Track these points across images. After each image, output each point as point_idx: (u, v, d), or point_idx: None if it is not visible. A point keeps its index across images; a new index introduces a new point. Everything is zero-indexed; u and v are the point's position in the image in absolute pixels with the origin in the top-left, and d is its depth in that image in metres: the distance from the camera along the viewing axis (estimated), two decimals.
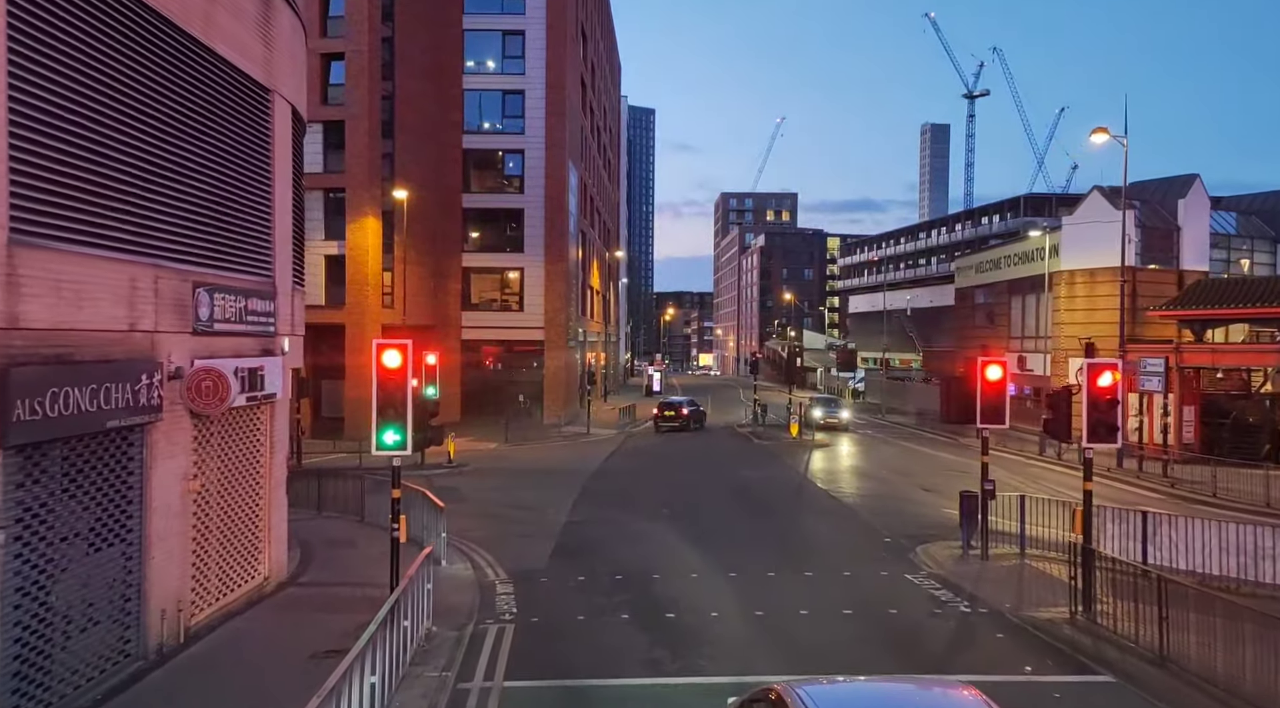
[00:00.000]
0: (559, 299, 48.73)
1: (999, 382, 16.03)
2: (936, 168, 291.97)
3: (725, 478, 28.82)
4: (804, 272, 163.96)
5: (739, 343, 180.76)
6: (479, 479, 29.06)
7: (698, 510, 22.77)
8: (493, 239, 49.69)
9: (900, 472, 30.58)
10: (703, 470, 30.92)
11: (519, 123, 48.76)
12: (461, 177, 48.78)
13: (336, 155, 42.35)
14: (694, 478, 28.97)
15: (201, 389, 11.13)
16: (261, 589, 14.07)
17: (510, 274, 49.63)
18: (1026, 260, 41.99)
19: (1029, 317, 42.22)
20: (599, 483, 27.79)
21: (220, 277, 12.46)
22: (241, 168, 13.23)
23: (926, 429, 48.70)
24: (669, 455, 35.94)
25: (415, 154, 45.82)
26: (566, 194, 49.20)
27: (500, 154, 49.44)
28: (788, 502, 24.41)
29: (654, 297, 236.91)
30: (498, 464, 32.99)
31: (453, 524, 20.59)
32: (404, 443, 12.26)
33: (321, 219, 42.70)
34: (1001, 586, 14.78)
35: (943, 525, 20.41)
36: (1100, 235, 37.05)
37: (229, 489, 13.14)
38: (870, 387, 75.09)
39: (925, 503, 23.78)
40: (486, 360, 49.54)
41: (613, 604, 14.23)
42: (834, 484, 27.53)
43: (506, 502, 24.34)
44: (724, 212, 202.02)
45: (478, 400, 49.23)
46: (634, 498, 24.74)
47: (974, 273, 49.09)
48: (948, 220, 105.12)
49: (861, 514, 22.03)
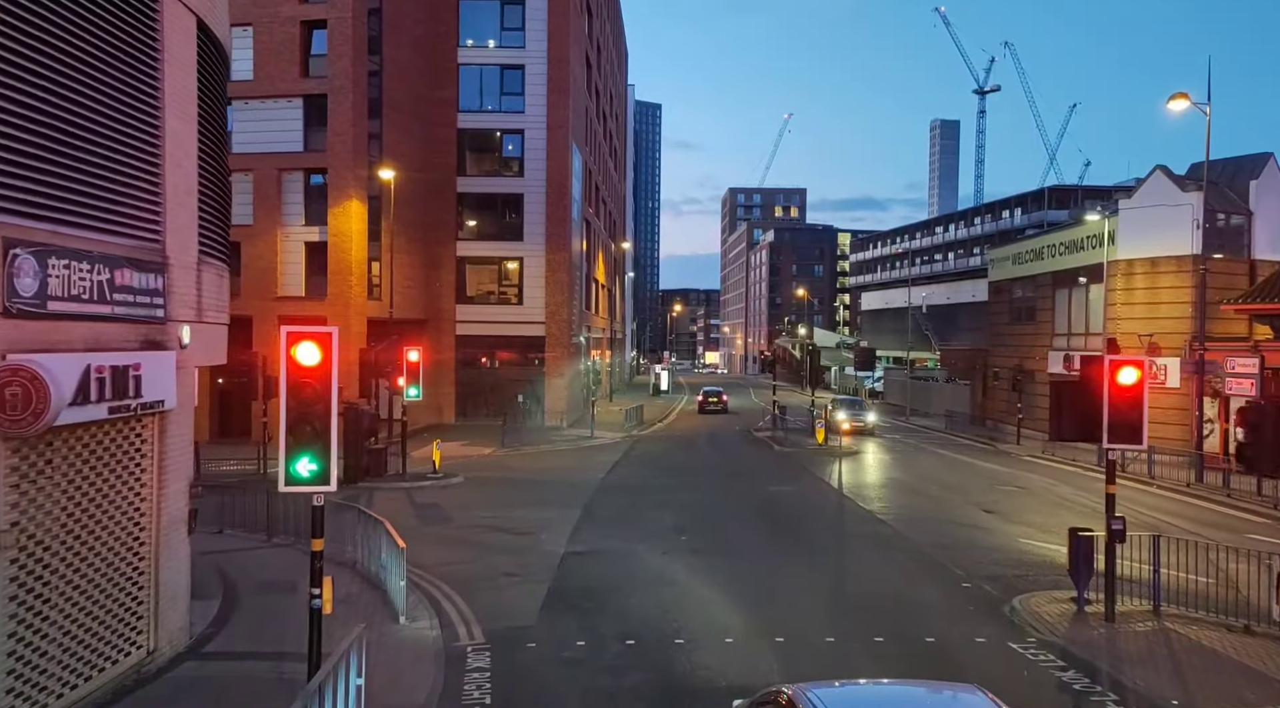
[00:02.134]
0: (561, 292, 44.96)
1: (1134, 389, 12.22)
2: (946, 164, 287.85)
3: (750, 494, 25.02)
4: (814, 268, 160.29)
5: (747, 341, 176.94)
6: (467, 493, 25.33)
7: (723, 539, 18.98)
8: (490, 226, 45.93)
9: (949, 487, 26.74)
10: (723, 484, 27.14)
11: (519, 100, 44.99)
12: (456, 159, 45.01)
13: (318, 133, 38.64)
14: (714, 494, 25.18)
15: (4, 400, 7.40)
16: (142, 668, 10.32)
17: (509, 264, 45.89)
18: (1075, 249, 38.11)
19: (1077, 312, 38.31)
20: (605, 499, 24.03)
21: (62, 235, 8.70)
22: (106, 88, 9.46)
23: (959, 433, 44.93)
24: (683, 465, 32.17)
25: (405, 133, 42.11)
26: (570, 178, 45.43)
27: (498, 134, 45.67)
28: (829, 528, 20.58)
29: (660, 294, 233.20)
30: (491, 473, 29.27)
31: (426, 556, 16.86)
32: (323, 474, 8.59)
33: (301, 202, 39.04)
34: (1150, 666, 10.91)
35: (1027, 564, 16.59)
36: (1164, 220, 33.16)
37: (84, 539, 9.41)
38: (889, 386, 71.22)
39: (992, 530, 19.93)
40: (483, 358, 45.81)
41: (624, 690, 10.48)
42: (878, 503, 23.69)
43: (495, 523, 20.60)
44: (731, 207, 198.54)
45: (473, 401, 45.52)
46: (645, 520, 20.97)
47: (1011, 265, 45.17)
48: (966, 214, 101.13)
49: (922, 545, 18.20)
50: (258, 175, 38.63)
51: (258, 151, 38.69)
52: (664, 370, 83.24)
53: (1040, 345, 41.35)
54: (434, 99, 44.35)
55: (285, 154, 38.60)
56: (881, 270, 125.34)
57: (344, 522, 16.66)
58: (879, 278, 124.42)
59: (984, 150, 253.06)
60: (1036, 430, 39.57)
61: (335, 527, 16.64)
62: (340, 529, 16.13)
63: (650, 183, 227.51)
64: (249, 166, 38.73)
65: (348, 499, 23.55)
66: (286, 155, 38.62)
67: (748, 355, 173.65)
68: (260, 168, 38.62)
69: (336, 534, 15.18)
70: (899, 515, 21.54)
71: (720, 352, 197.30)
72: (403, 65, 41.76)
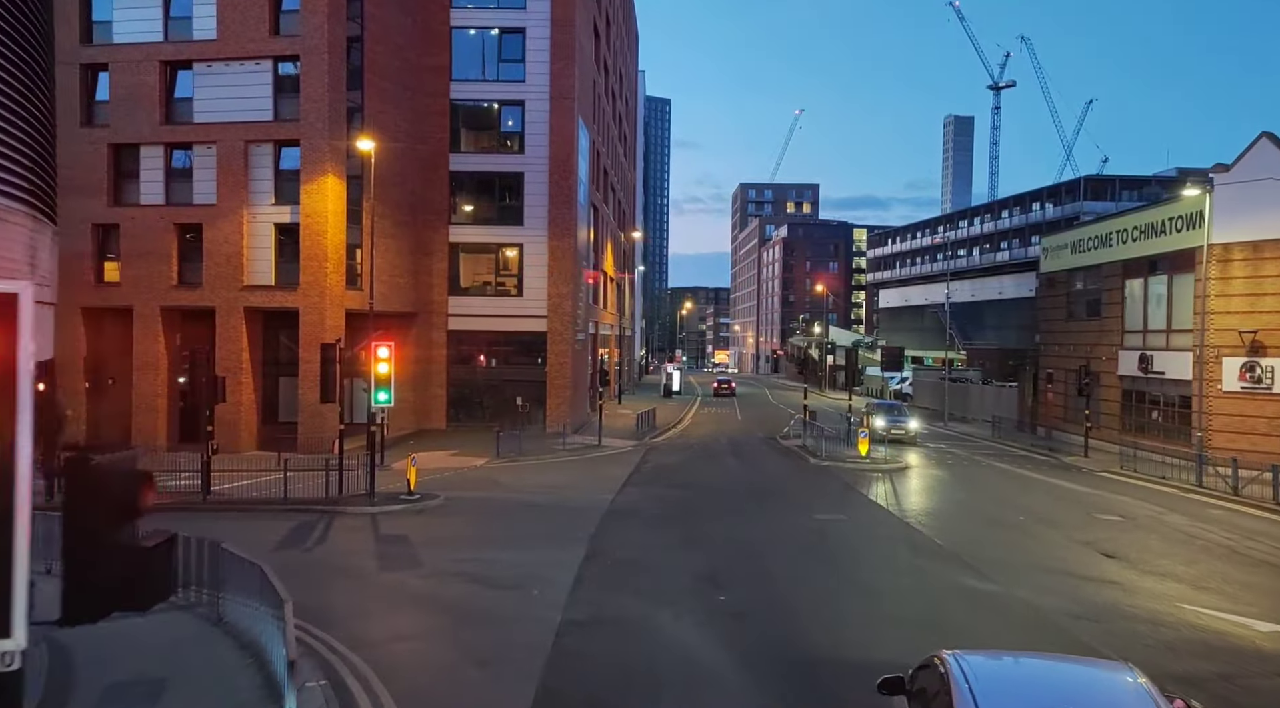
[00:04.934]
0: (565, 282, 40.25)
1: None
2: (959, 161, 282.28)
3: (794, 525, 20.24)
4: (829, 265, 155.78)
5: (758, 340, 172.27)
6: (445, 521, 20.64)
7: (775, 599, 14.20)
8: (486, 209, 41.25)
9: (1036, 516, 21.86)
10: (757, 509, 22.36)
11: (518, 68, 40.28)
12: (449, 133, 40.35)
13: (290, 101, 34.02)
14: (749, 524, 20.41)
15: None
16: None
17: (507, 252, 41.20)
18: (1153, 233, 33.21)
19: (1156, 305, 33.40)
20: (615, 530, 19.32)
21: None
22: None
23: (1010, 442, 40.11)
24: (706, 482, 27.40)
25: (390, 104, 37.44)
26: (575, 156, 40.69)
27: (496, 106, 40.95)
28: (911, 581, 15.66)
29: (668, 292, 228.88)
30: (479, 492, 24.58)
31: (372, 625, 12.19)
32: None
33: (271, 179, 34.41)
34: None
35: (1219, 650, 11.70)
36: (1272, 196, 28.28)
37: None
38: (919, 389, 66.32)
39: (1130, 587, 15.01)
40: (478, 356, 41.13)
41: None
42: (958, 539, 18.83)
43: (474, 570, 15.90)
44: (742, 203, 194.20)
45: (467, 404, 40.88)
46: (668, 565, 16.25)
47: (1069, 254, 40.24)
48: (992, 207, 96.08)
49: (1048, 613, 13.31)
50: (221, 148, 34.04)
51: (221, 121, 34.13)
52: (676, 370, 78.38)
53: (1106, 344, 36.48)
54: (424, 66, 39.70)
55: (253, 124, 33.99)
56: (900, 266, 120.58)
57: (299, 563, 12.02)
58: (898, 274, 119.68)
59: (999, 147, 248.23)
60: (1105, 440, 34.73)
61: (287, 564, 11.93)
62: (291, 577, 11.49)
63: (660, 179, 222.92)
64: (211, 138, 34.18)
65: (299, 528, 19.04)
66: (254, 125, 34.00)
67: (759, 354, 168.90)
68: (224, 139, 34.03)
69: (290, 583, 10.54)
70: (995, 561, 16.71)
71: (730, 350, 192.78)
72: (388, 26, 37.08)
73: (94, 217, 34.87)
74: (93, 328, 35.43)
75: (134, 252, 34.52)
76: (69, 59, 35.22)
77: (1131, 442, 32.02)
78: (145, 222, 34.52)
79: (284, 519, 20.45)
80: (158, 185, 34.86)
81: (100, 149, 34.80)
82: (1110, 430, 35.50)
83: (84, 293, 34.82)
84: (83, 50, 35.01)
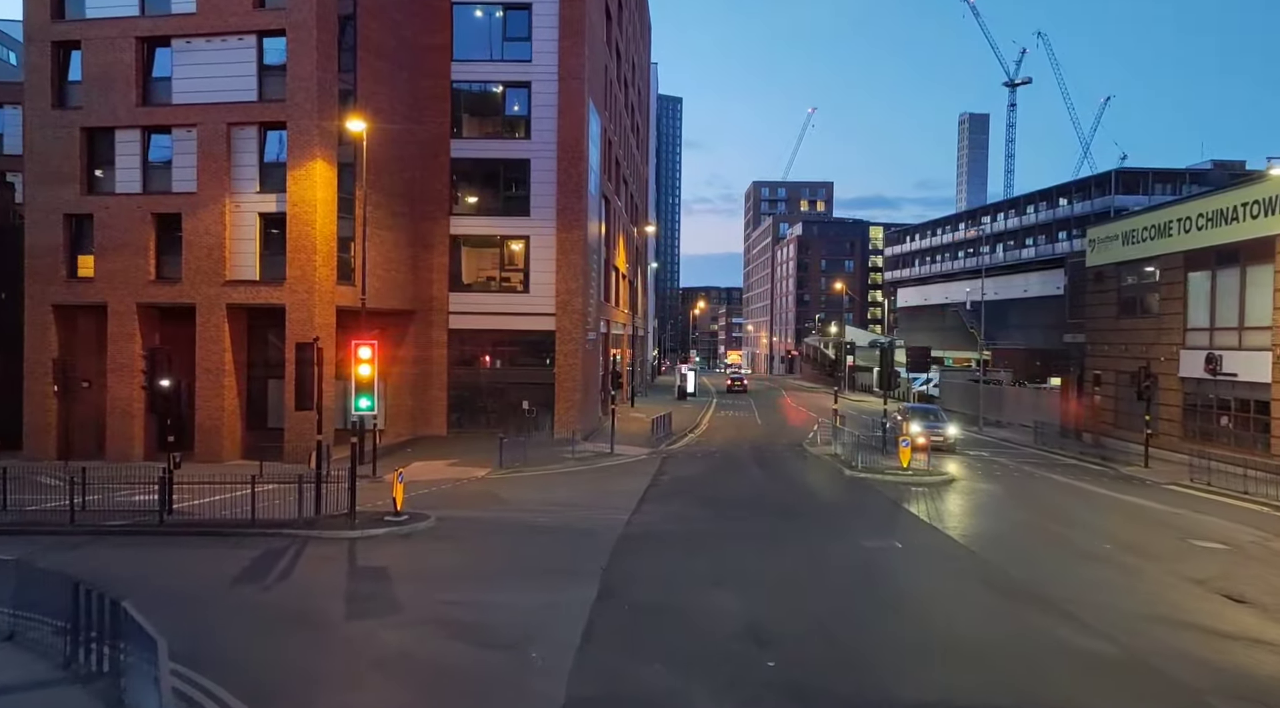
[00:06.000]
0: (575, 277, 37.39)
1: None
2: (974, 159, 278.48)
3: (842, 557, 17.21)
4: (844, 263, 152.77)
5: (772, 340, 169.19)
6: (434, 549, 17.79)
7: (843, 670, 11.27)
8: (490, 199, 38.43)
9: (1124, 544, 18.69)
10: (796, 534, 19.39)
11: (525, 47, 37.43)
12: (450, 118, 37.54)
13: (276, 80, 31.29)
14: (788, 552, 17.48)
15: None
16: None
17: (513, 245, 38.38)
18: (1223, 220, 30.10)
19: (1225, 300, 30.28)
20: (631, 561, 16.41)
21: None
22: None
23: (1056, 451, 37.05)
24: (732, 497, 24.46)
25: (386, 85, 34.71)
26: (586, 141, 37.84)
27: (500, 89, 38.10)
28: (1006, 640, 12.64)
29: (680, 292, 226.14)
30: (476, 511, 21.75)
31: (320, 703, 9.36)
32: None
33: (256, 165, 31.73)
34: None
35: None
36: None
37: None
38: (947, 391, 63.15)
39: None
40: (481, 356, 38.31)
41: None
42: (1042, 577, 15.73)
43: (458, 615, 13.05)
44: (755, 201, 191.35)
45: (469, 408, 38.08)
46: (697, 610, 13.34)
47: (1120, 245, 37.13)
48: (1017, 202, 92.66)
49: (1186, 683, 10.39)
50: (203, 132, 31.35)
51: (202, 102, 31.44)
52: (691, 371, 75.42)
53: (1165, 343, 33.37)
54: (423, 45, 36.91)
55: (236, 105, 31.29)
56: (919, 265, 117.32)
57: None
58: (916, 273, 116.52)
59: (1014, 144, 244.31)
60: (1163, 448, 31.66)
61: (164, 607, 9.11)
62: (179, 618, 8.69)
63: (671, 178, 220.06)
64: (191, 120, 31.50)
65: (264, 558, 16.22)
66: (237, 106, 31.29)
67: (773, 355, 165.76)
68: (205, 122, 31.34)
69: (180, 629, 7.74)
70: (1094, 607, 13.68)
71: (743, 351, 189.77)
72: (383, 1, 34.32)
73: (66, 206, 32.27)
74: (65, 326, 32.83)
75: (109, 244, 31.89)
76: (40, 36, 32.65)
77: (1197, 450, 28.92)
78: (121, 211, 31.87)
79: (248, 546, 17.67)
80: (134, 172, 32.20)
81: (73, 133, 32.17)
82: (1169, 437, 32.42)
83: (55, 288, 32.23)
84: (54, 27, 32.41)
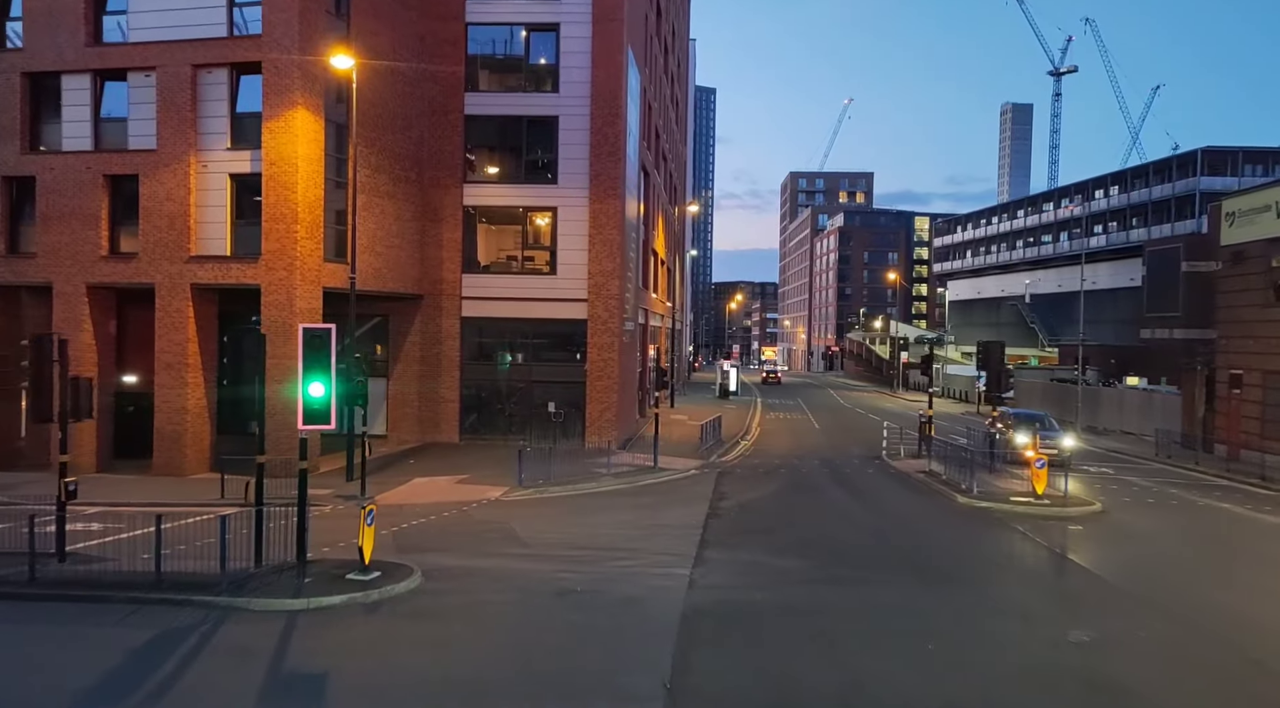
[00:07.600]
0: (611, 257, 31.50)
1: None
2: (1017, 151, 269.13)
3: (1040, 665, 11.09)
4: (888, 255, 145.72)
5: (810, 335, 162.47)
6: (404, 636, 11.80)
7: None
8: (511, 164, 32.67)
9: None
10: (944, 613, 13.17)
11: None
12: (464, 67, 31.77)
13: (252, 12, 25.73)
14: (956, 661, 11.36)
15: None
16: None
17: (538, 218, 32.57)
18: None
19: None
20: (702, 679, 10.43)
21: None
22: None
23: (1186, 465, 30.68)
24: (828, 542, 18.28)
25: (387, 25, 29.06)
26: (624, 96, 31.89)
27: (524, 32, 32.24)
28: None
29: (713, 287, 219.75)
30: (481, 559, 15.89)
31: None
32: None
33: (226, 115, 26.21)
34: None
35: None
36: None
37: None
38: (1024, 393, 56.35)
39: None
40: (500, 349, 32.54)
41: None
42: None
43: None
44: (792, 193, 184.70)
45: (485, 411, 32.34)
46: None
47: (1275, 217, 30.61)
48: (1085, 186, 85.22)
49: None
50: (163, 76, 25.87)
51: (163, 40, 25.96)
52: (733, 368, 69.26)
53: None
54: None
55: (203, 43, 25.77)
56: (972, 256, 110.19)
57: None
58: (969, 264, 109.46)
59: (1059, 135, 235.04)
60: None
61: None
62: None
63: (705, 169, 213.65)
64: (150, 62, 26.03)
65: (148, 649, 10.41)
66: (204, 44, 25.78)
67: (811, 351, 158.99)
68: (167, 64, 25.85)
69: None
70: None
71: (778, 347, 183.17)
72: None
73: (4, 167, 27.09)
74: (5, 312, 27.59)
75: (54, 212, 26.55)
76: None
77: None
78: (68, 172, 26.52)
79: (138, 622, 11.99)
80: (84, 126, 26.83)
81: (11, 80, 26.89)
82: None
83: None
84: None
